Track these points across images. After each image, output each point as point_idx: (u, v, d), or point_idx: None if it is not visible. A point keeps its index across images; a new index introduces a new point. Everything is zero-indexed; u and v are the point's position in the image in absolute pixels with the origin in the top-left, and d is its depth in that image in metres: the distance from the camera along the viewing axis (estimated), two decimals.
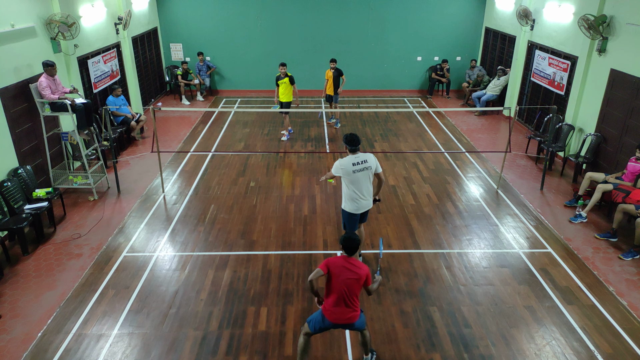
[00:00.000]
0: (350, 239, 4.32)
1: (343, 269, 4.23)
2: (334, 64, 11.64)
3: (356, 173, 5.59)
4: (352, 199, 5.73)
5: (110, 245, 6.88)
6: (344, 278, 4.22)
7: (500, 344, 5.07)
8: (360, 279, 4.26)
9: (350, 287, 4.24)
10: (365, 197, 5.76)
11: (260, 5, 14.56)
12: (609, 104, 8.63)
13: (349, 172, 5.58)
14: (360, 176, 5.63)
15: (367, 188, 5.74)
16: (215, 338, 5.15)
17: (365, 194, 5.75)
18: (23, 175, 7.27)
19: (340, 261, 4.27)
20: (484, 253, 6.74)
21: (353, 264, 4.27)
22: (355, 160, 5.60)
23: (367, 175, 5.68)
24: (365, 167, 5.64)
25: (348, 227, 5.97)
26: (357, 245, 4.33)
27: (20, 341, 5.09)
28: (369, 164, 5.66)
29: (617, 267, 6.44)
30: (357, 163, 5.59)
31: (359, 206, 5.77)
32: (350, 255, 4.32)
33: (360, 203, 5.76)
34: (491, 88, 13.33)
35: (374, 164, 5.71)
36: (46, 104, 7.84)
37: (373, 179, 5.84)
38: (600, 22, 8.55)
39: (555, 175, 9.39)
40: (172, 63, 15.21)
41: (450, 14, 14.82)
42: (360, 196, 5.72)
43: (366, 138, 11.39)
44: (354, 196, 5.71)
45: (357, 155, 5.64)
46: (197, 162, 9.89)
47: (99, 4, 10.50)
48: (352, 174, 5.58)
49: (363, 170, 5.62)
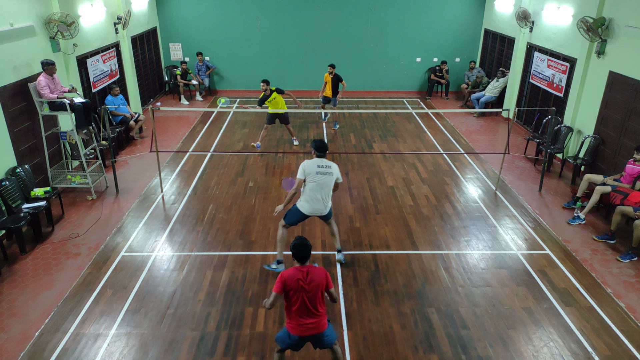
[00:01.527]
0: (303, 245, 4.07)
1: (299, 281, 4.00)
2: (333, 69, 11.48)
3: (319, 175, 5.77)
4: (309, 200, 5.85)
5: (109, 245, 6.87)
6: (303, 291, 4.01)
7: (498, 346, 5.08)
8: (320, 286, 4.05)
9: (311, 297, 4.03)
10: (321, 201, 5.87)
11: (259, 6, 14.57)
12: (608, 106, 8.64)
13: (313, 173, 5.75)
14: (322, 180, 5.79)
15: (326, 193, 5.87)
16: (212, 339, 5.14)
17: (322, 198, 5.86)
18: (21, 175, 7.26)
19: (294, 273, 4.03)
20: (482, 254, 6.74)
21: (308, 271, 4.05)
22: (320, 163, 5.81)
23: (329, 181, 5.84)
24: (329, 172, 5.82)
25: (289, 220, 5.99)
26: (310, 252, 4.10)
27: (18, 340, 5.08)
28: (332, 170, 5.86)
29: (615, 269, 6.45)
30: (322, 166, 5.80)
31: (313, 209, 5.88)
32: (304, 263, 4.09)
33: (317, 206, 5.87)
34: (490, 89, 13.35)
35: (336, 172, 5.92)
36: (45, 103, 7.83)
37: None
38: (599, 25, 8.56)
39: (553, 177, 9.40)
40: (171, 63, 15.21)
41: (449, 16, 14.84)
42: (318, 199, 5.84)
43: (365, 139, 11.39)
44: (312, 197, 5.83)
45: (322, 160, 5.84)
46: (196, 162, 9.89)
47: (98, 3, 10.49)
48: (315, 175, 5.76)
49: (326, 175, 5.80)
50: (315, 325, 4.12)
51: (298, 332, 4.12)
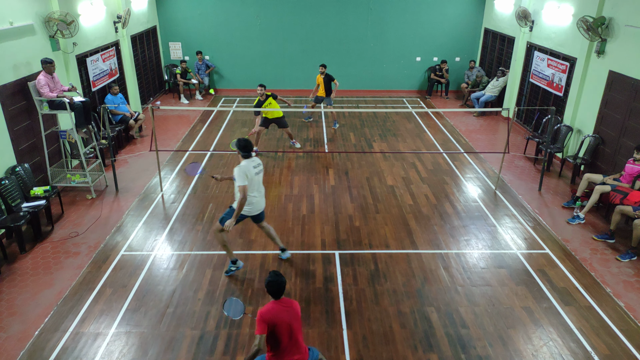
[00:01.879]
0: (279, 282, 3.90)
1: (282, 316, 3.85)
2: (324, 69, 11.49)
3: (257, 176, 5.82)
4: (254, 202, 5.86)
5: (108, 244, 6.87)
6: (286, 325, 3.85)
7: (498, 345, 5.08)
8: (298, 315, 3.98)
9: (296, 330, 3.93)
10: (261, 199, 6.01)
11: (259, 5, 14.55)
12: (608, 106, 8.64)
13: (252, 175, 5.71)
14: (259, 178, 5.90)
15: (262, 190, 6.03)
16: (212, 337, 5.15)
17: (262, 193, 6.00)
18: (21, 173, 7.25)
19: (274, 309, 3.88)
20: (482, 254, 6.74)
21: (286, 304, 3.94)
22: (253, 163, 5.79)
23: (261, 176, 5.98)
24: (261, 169, 5.93)
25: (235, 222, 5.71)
26: (284, 287, 3.93)
27: (17, 339, 5.08)
28: (262, 166, 5.98)
29: (614, 269, 6.45)
30: (256, 166, 5.82)
31: (255, 207, 5.95)
32: (279, 297, 3.93)
33: (258, 205, 5.96)
34: (490, 89, 13.34)
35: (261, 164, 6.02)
36: (44, 102, 7.82)
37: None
38: (599, 24, 8.56)
39: (553, 176, 9.41)
40: (171, 62, 15.20)
41: (449, 15, 14.83)
42: (258, 196, 5.93)
43: (365, 138, 11.39)
44: (253, 199, 5.82)
45: (252, 159, 5.81)
46: (196, 161, 9.86)
47: (98, 2, 10.48)
48: (254, 177, 5.75)
49: (260, 173, 5.91)
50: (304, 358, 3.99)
51: None
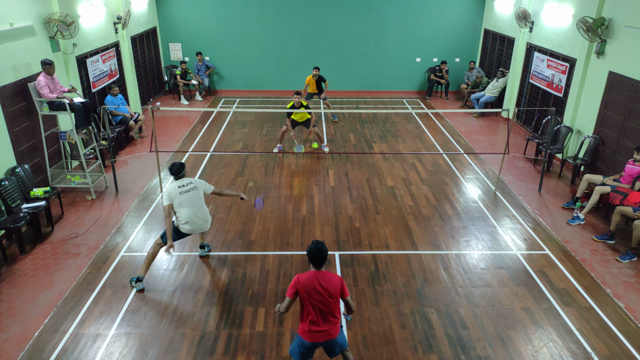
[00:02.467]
0: (318, 249, 3.91)
1: (315, 288, 3.89)
2: (317, 72, 12.09)
3: (183, 195, 5.73)
4: (189, 221, 5.75)
5: (108, 245, 6.87)
6: (318, 297, 3.91)
7: (498, 346, 5.08)
8: (335, 292, 3.94)
9: (325, 302, 3.93)
10: (199, 217, 5.83)
11: (259, 6, 14.56)
12: (607, 107, 8.65)
13: (177, 195, 5.69)
14: (189, 197, 5.75)
15: (200, 208, 5.83)
16: (212, 338, 5.14)
17: (199, 214, 5.82)
18: (21, 174, 7.25)
19: (310, 279, 3.92)
20: (482, 255, 6.74)
21: (324, 278, 3.93)
22: (180, 184, 5.78)
23: (196, 195, 5.82)
24: (192, 187, 5.81)
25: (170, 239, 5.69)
26: (326, 256, 3.96)
27: (17, 340, 5.08)
28: (195, 184, 5.85)
29: (614, 269, 6.45)
30: (183, 185, 5.77)
31: (194, 228, 5.83)
32: (320, 268, 3.97)
33: (196, 224, 5.82)
34: (490, 90, 13.35)
35: (201, 185, 5.92)
36: (44, 103, 7.82)
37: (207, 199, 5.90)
38: (598, 25, 8.57)
39: (553, 177, 9.41)
40: (171, 63, 15.20)
41: (449, 16, 14.84)
42: (195, 217, 5.78)
43: (365, 139, 11.40)
44: (189, 218, 5.74)
45: (181, 180, 5.82)
46: (196, 162, 9.88)
47: (98, 3, 10.49)
48: (179, 196, 5.70)
49: (190, 191, 5.78)
50: (328, 331, 4.04)
51: (311, 338, 4.02)
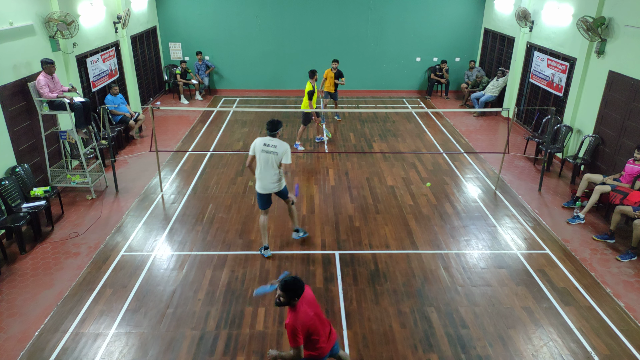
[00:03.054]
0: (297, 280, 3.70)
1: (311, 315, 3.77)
2: (337, 64, 11.90)
3: (262, 153, 6.06)
4: (258, 178, 6.22)
5: (108, 244, 6.87)
6: (317, 319, 3.83)
7: (498, 345, 5.08)
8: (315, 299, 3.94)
9: (321, 316, 3.94)
10: (265, 180, 6.18)
11: (259, 5, 14.56)
12: (607, 106, 8.64)
13: (259, 150, 6.08)
14: (265, 157, 6.07)
15: (269, 171, 6.13)
16: (212, 338, 5.15)
17: (265, 177, 6.16)
18: (21, 174, 7.25)
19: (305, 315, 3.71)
20: (482, 254, 6.74)
21: (307, 299, 3.82)
22: (267, 142, 6.07)
23: (273, 159, 6.07)
24: (273, 151, 6.05)
25: (259, 205, 6.40)
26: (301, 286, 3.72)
27: (17, 340, 5.08)
28: (277, 150, 6.05)
29: (614, 269, 6.45)
30: (267, 145, 6.05)
31: (261, 186, 6.23)
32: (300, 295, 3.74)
33: (262, 183, 6.21)
34: (490, 89, 13.35)
35: (282, 153, 6.07)
36: (44, 102, 7.82)
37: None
38: (599, 24, 8.56)
39: (553, 176, 9.41)
40: (171, 62, 15.20)
41: (449, 15, 14.84)
42: (262, 178, 6.17)
43: (365, 138, 11.39)
44: (259, 176, 6.19)
45: (270, 139, 6.07)
46: (196, 162, 9.88)
47: (98, 2, 10.49)
48: (260, 153, 6.07)
49: (269, 154, 6.05)
50: (334, 332, 4.10)
51: (329, 349, 3.97)
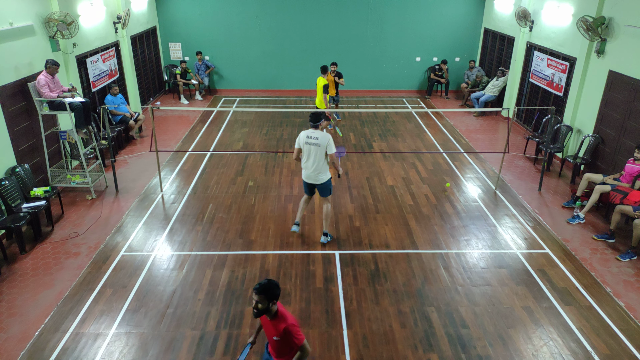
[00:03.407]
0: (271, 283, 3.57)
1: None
2: (335, 67, 11.79)
3: (307, 145, 6.47)
4: (303, 168, 6.67)
5: (108, 244, 6.87)
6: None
7: (498, 345, 5.08)
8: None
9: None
10: (309, 169, 6.56)
11: (259, 5, 14.56)
12: (607, 106, 8.64)
13: (302, 143, 6.51)
14: (308, 148, 6.47)
15: (313, 162, 6.50)
16: (212, 338, 5.15)
17: (309, 166, 6.54)
18: (21, 174, 7.25)
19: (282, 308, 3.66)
20: (482, 254, 6.74)
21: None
22: (310, 134, 6.46)
23: (316, 150, 6.43)
24: (316, 142, 6.42)
25: (304, 189, 6.93)
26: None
27: (18, 340, 5.08)
28: (319, 141, 6.41)
29: (614, 268, 6.45)
30: (310, 137, 6.44)
31: (307, 176, 6.65)
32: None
33: (306, 173, 6.64)
34: (490, 89, 13.34)
35: (324, 143, 6.40)
36: (44, 102, 7.82)
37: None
38: (599, 24, 8.56)
39: (553, 176, 9.41)
40: (171, 62, 15.20)
41: (449, 15, 14.84)
42: (308, 167, 6.57)
43: (365, 138, 11.39)
44: (303, 165, 6.63)
45: (313, 131, 6.47)
46: (196, 162, 9.89)
47: (97, 2, 10.49)
48: (304, 145, 6.50)
49: (313, 145, 6.43)
50: None
51: None
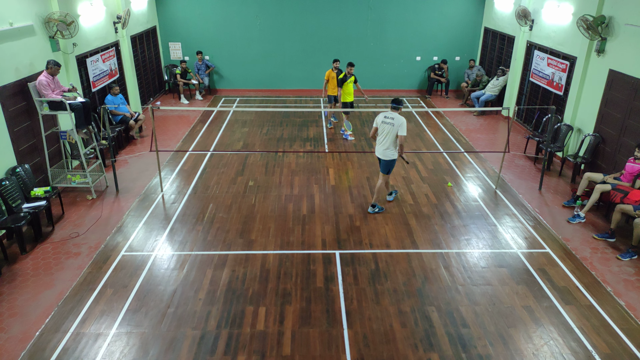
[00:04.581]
0: None
1: None
2: (338, 64, 11.41)
3: (383, 124, 7.31)
4: (377, 144, 7.52)
5: (109, 244, 6.88)
6: None
7: (498, 344, 5.08)
8: None
9: None
10: (381, 145, 7.39)
11: (259, 5, 14.56)
12: (608, 105, 8.64)
13: (379, 122, 7.35)
14: (383, 127, 7.30)
15: (384, 140, 7.30)
16: (213, 337, 5.15)
17: (380, 144, 7.40)
18: (21, 174, 7.26)
19: None
20: (482, 253, 6.74)
21: None
22: (387, 115, 7.27)
23: (389, 129, 7.20)
24: (391, 122, 7.19)
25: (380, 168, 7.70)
26: None
27: (18, 340, 5.09)
28: (394, 122, 7.15)
29: (615, 268, 6.45)
30: (387, 117, 7.25)
31: (377, 151, 7.53)
32: None
33: (378, 149, 7.50)
34: (490, 88, 13.34)
35: (397, 125, 7.13)
36: (44, 102, 7.82)
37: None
38: (599, 23, 8.56)
39: (553, 175, 9.40)
40: (171, 62, 15.20)
41: (449, 14, 14.83)
42: (380, 142, 7.41)
43: (365, 138, 11.39)
44: (377, 142, 7.48)
45: (391, 112, 7.25)
46: (196, 161, 9.89)
47: (97, 2, 10.48)
48: (380, 124, 7.34)
49: (387, 124, 7.23)
50: None
51: None
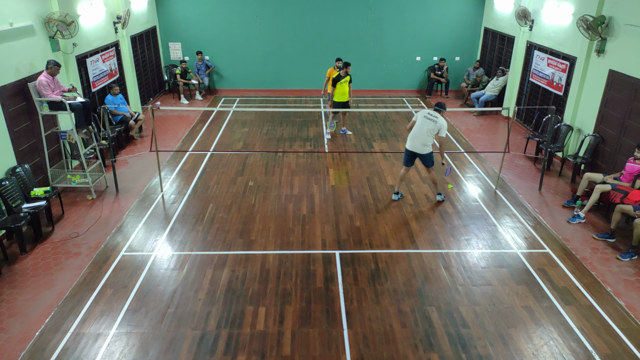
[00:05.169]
0: None
1: None
2: (340, 63, 11.27)
3: (424, 119, 7.55)
4: (411, 137, 7.74)
5: (109, 245, 6.88)
6: None
7: (498, 344, 5.08)
8: None
9: None
10: (418, 139, 7.62)
11: (259, 5, 14.56)
12: (608, 105, 8.64)
13: (421, 116, 7.62)
14: (424, 122, 7.54)
15: (421, 135, 7.58)
16: (213, 338, 5.15)
17: (416, 137, 7.64)
18: (21, 174, 7.25)
19: None
20: (482, 253, 6.74)
21: None
22: (430, 112, 7.61)
23: (428, 127, 7.49)
24: (433, 119, 7.46)
25: (404, 160, 8.00)
26: None
27: (18, 340, 5.09)
28: (436, 122, 7.45)
29: (615, 268, 6.45)
30: (430, 114, 7.57)
31: (412, 145, 7.72)
32: None
33: (414, 142, 7.70)
34: (490, 88, 13.34)
35: (439, 125, 7.44)
36: (44, 102, 7.82)
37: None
38: (599, 23, 8.56)
39: (553, 175, 9.41)
40: (171, 62, 15.20)
41: (449, 14, 14.83)
42: (417, 136, 7.63)
43: (365, 138, 11.39)
44: (413, 135, 7.69)
45: (434, 112, 7.58)
46: (196, 162, 9.89)
47: (97, 2, 10.48)
48: (421, 118, 7.59)
49: (430, 120, 7.50)
50: None
51: None
